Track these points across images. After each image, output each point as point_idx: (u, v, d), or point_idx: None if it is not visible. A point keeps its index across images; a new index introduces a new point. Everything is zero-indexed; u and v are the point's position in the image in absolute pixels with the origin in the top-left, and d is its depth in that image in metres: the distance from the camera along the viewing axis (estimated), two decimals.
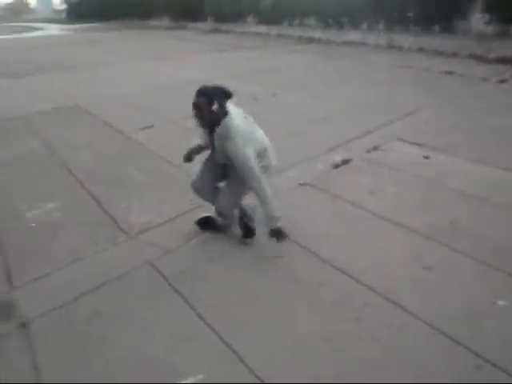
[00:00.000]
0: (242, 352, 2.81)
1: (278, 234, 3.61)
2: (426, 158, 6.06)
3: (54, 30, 43.33)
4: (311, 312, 3.17)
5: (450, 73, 12.30)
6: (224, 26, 28.94)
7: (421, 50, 16.68)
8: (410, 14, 17.78)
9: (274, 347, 2.84)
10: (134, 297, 3.41)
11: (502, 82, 11.18)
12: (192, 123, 3.76)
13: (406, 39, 17.54)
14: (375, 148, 6.38)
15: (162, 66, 14.63)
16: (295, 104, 8.89)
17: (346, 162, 5.92)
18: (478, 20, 15.74)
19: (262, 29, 25.34)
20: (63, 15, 67.36)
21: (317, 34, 21.79)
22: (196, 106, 3.42)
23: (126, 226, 4.41)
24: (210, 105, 3.39)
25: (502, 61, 13.82)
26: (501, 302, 3.24)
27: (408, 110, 8.36)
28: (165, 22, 38.04)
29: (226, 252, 3.94)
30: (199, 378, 2.63)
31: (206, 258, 3.85)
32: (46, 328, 3.12)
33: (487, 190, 5.01)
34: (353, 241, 4.07)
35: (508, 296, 3.29)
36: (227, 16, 28.69)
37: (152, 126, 7.60)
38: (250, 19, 27.32)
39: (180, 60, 16.21)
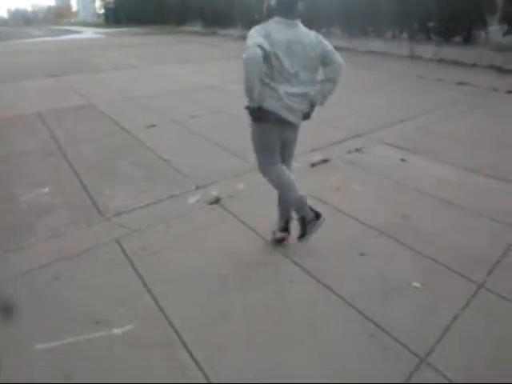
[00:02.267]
0: (171, 315, 3.30)
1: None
2: (403, 160, 6.46)
3: (89, 33, 44.60)
4: (239, 283, 3.66)
5: (462, 83, 12.62)
6: None
7: (442, 60, 16.94)
8: (432, 25, 18.03)
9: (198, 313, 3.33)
10: (93, 266, 3.93)
11: (510, 92, 11.44)
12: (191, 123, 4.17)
13: (428, 49, 17.82)
14: (358, 150, 6.83)
15: (180, 71, 15.27)
16: None
17: (324, 161, 6.35)
18: (496, 31, 15.95)
19: None
20: (101, 19, 69.08)
21: (342, 43, 22.10)
22: None
23: (105, 210, 4.94)
24: None
25: None
26: (415, 284, 3.67)
27: (405, 116, 8.80)
28: (197, 27, 39.05)
29: (188, 234, 4.44)
30: (127, 328, 3.14)
31: (168, 237, 4.36)
32: (10, 289, 3.66)
33: (454, 192, 5.41)
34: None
35: (424, 280, 3.72)
36: (257, 22, 29.22)
37: (155, 126, 8.15)
38: None
39: (200, 65, 16.85)
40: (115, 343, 3.05)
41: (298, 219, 3.99)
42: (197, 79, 13.42)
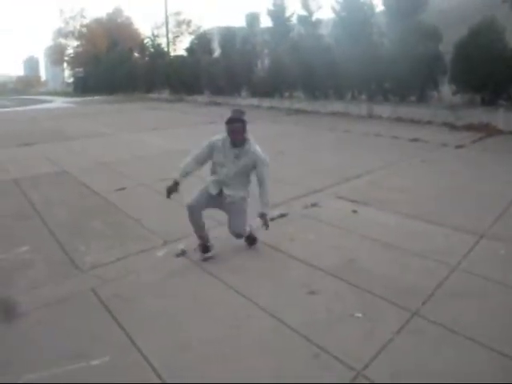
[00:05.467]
0: (141, 346, 3.82)
1: (265, 218, 5.40)
2: (355, 211, 7.09)
3: (59, 102, 45.30)
4: (201, 319, 4.21)
5: (416, 140, 13.50)
6: (219, 99, 30.69)
7: (399, 119, 17.89)
8: (388, 85, 19.05)
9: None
10: (72, 311, 4.43)
11: (458, 147, 12.32)
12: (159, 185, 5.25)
13: (385, 109, 18.83)
14: (313, 204, 7.44)
15: (150, 137, 15.92)
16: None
17: (282, 215, 6.94)
18: (447, 90, 16.99)
19: (254, 101, 26.99)
20: (71, 88, 70.13)
21: (304, 105, 23.24)
22: (241, 128, 5.15)
23: (80, 264, 5.45)
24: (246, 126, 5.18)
25: (469, 128, 15.05)
26: (359, 314, 4.25)
27: (359, 172, 9.52)
28: (165, 94, 40.20)
29: (155, 282, 4.99)
30: (104, 359, 3.64)
31: (138, 285, 4.89)
32: None
33: (396, 236, 6.06)
34: (260, 272, 5.13)
35: (366, 311, 4.30)
36: (222, 89, 30.45)
37: (125, 188, 8.72)
38: (243, 92, 29.06)
39: (168, 132, 17.60)
40: (94, 372, 3.53)
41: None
42: (166, 145, 14.06)
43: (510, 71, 14.98)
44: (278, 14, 28.01)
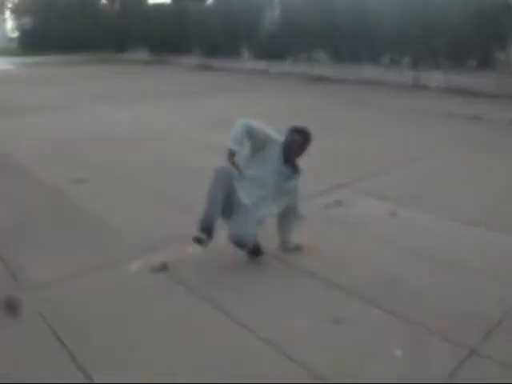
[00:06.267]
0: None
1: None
2: (393, 214, 7.02)
3: (2, 63, 45.13)
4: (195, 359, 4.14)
5: (477, 118, 13.46)
6: (214, 62, 30.23)
7: (453, 90, 17.78)
8: (438, 45, 18.74)
9: None
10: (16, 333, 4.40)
11: None
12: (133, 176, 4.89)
13: (434, 77, 18.61)
14: (337, 203, 7.37)
15: (122, 111, 15.85)
16: None
17: None
18: None
19: (261, 65, 26.61)
20: (15, 45, 69.50)
21: (327, 71, 22.98)
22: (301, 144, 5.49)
23: (26, 282, 5.39)
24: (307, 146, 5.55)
25: None
26: (399, 352, 4.18)
27: (401, 161, 9.45)
28: (143, 55, 39.58)
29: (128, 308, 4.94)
30: None
31: (99, 313, 4.84)
32: None
33: (456, 251, 6.00)
34: (267, 294, 5.10)
35: (408, 348, 4.23)
36: (218, 48, 29.84)
37: (87, 179, 8.64)
38: (246, 53, 28.54)
39: (147, 103, 17.57)
40: None
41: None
42: (141, 122, 14.03)
43: None
44: None
